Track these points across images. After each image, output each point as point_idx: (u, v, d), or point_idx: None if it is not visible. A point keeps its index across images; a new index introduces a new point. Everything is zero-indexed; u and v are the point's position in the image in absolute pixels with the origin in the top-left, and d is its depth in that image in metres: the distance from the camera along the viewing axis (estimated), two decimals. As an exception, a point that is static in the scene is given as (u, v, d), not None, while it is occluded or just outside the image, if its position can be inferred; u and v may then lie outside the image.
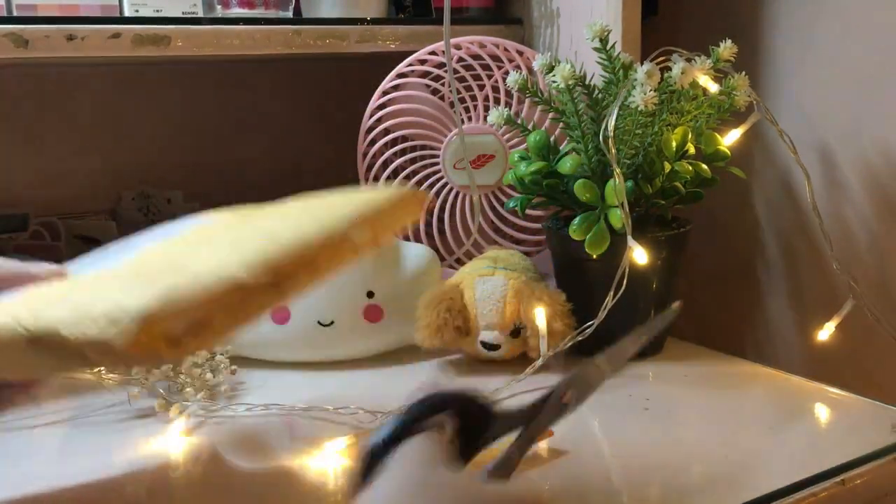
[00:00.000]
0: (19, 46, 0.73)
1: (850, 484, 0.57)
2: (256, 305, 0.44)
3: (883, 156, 0.85)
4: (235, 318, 0.43)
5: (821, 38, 0.88)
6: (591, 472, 0.58)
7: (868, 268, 0.86)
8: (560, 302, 0.74)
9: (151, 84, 1.09)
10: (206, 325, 0.41)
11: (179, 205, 1.09)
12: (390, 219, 0.54)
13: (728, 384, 0.73)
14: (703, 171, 0.76)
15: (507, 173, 0.82)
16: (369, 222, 0.52)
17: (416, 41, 0.92)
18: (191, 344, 0.41)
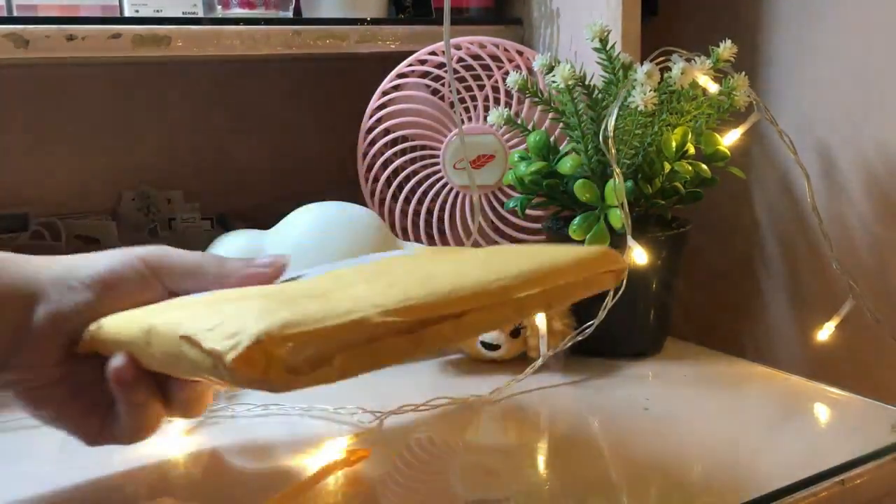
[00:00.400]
0: (19, 46, 0.73)
1: (850, 484, 0.57)
2: (386, 350, 0.41)
3: (883, 156, 0.85)
4: (359, 359, 0.40)
5: (821, 38, 0.88)
6: (591, 472, 0.58)
7: (868, 268, 0.86)
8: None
9: (151, 84, 1.09)
10: (325, 361, 0.39)
11: (179, 205, 1.09)
12: (572, 287, 0.50)
13: (728, 384, 0.73)
14: (703, 171, 0.76)
15: (507, 173, 0.82)
16: (544, 284, 0.48)
17: (416, 41, 0.92)
18: (306, 377, 0.38)
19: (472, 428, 0.65)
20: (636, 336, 0.77)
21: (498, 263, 0.48)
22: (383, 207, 0.94)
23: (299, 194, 0.87)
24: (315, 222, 0.79)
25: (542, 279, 0.48)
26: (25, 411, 0.51)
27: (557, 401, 0.69)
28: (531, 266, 0.48)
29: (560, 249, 0.54)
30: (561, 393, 0.71)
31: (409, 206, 0.93)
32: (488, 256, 0.52)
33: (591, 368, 0.74)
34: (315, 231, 0.78)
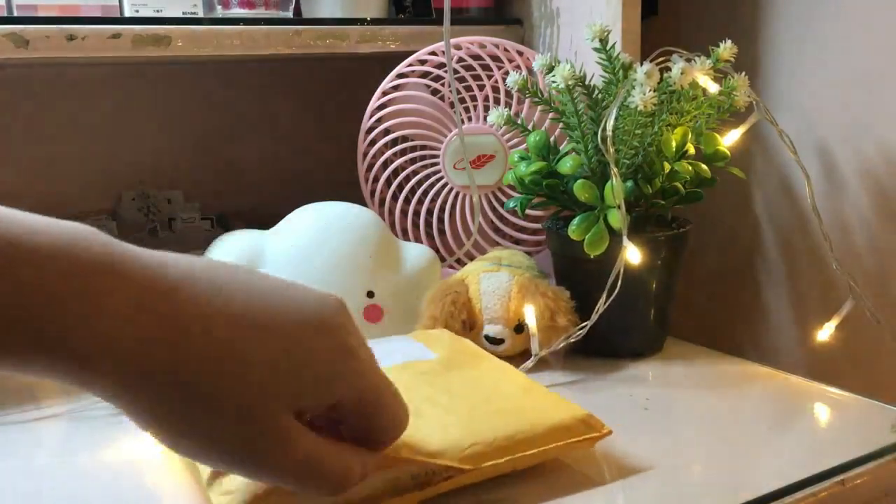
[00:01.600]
0: (19, 46, 0.73)
1: (850, 484, 0.57)
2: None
3: (883, 156, 0.85)
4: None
5: (821, 38, 0.88)
6: (591, 471, 0.58)
7: (868, 268, 0.86)
8: (564, 299, 0.74)
9: (151, 84, 1.09)
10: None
11: (179, 205, 1.09)
12: (544, 454, 0.55)
13: (728, 384, 0.73)
14: (703, 171, 0.76)
15: (507, 173, 0.82)
16: (514, 453, 0.53)
17: (416, 41, 0.92)
18: None
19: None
20: (636, 336, 0.77)
21: (479, 419, 0.54)
22: (383, 207, 0.94)
23: (299, 194, 0.87)
24: (315, 222, 0.79)
25: (514, 448, 0.53)
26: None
27: (557, 401, 0.69)
28: (507, 431, 0.53)
29: (544, 403, 0.58)
30: (561, 392, 0.71)
31: (409, 206, 0.93)
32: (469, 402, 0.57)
33: (591, 368, 0.74)
34: (315, 231, 0.78)
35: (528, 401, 0.57)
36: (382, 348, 0.53)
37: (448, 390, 0.57)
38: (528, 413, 0.55)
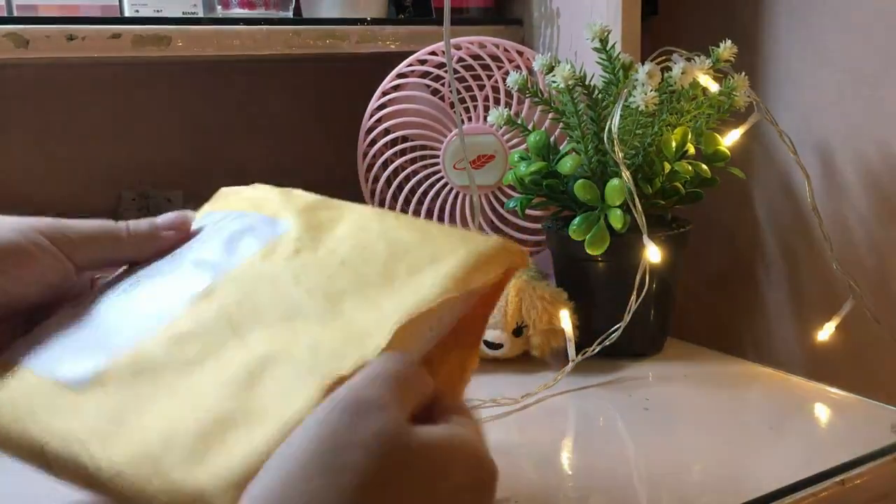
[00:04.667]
0: (19, 46, 0.73)
1: (850, 484, 0.57)
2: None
3: (883, 156, 0.85)
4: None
5: (820, 38, 0.88)
6: (591, 472, 0.58)
7: (868, 268, 0.86)
8: (562, 301, 0.74)
9: (151, 84, 1.09)
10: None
11: (179, 205, 1.09)
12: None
13: (728, 384, 0.73)
14: (703, 171, 0.76)
15: (507, 173, 0.82)
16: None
17: (416, 41, 0.92)
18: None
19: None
20: (636, 336, 0.77)
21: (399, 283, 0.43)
22: (383, 207, 0.94)
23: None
24: (315, 222, 0.79)
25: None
26: None
27: (556, 400, 0.69)
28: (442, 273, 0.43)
29: (451, 238, 0.46)
30: (561, 392, 0.71)
31: (409, 206, 0.93)
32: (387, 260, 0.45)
33: (591, 368, 0.74)
34: (315, 231, 0.78)
35: (434, 244, 0.46)
36: (217, 238, 0.50)
37: (342, 263, 0.46)
38: (446, 259, 0.45)
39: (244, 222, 0.51)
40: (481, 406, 0.67)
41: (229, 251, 0.48)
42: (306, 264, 0.46)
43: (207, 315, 0.44)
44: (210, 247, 0.50)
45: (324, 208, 0.52)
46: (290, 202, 0.53)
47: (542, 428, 0.66)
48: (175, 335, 0.43)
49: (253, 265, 0.47)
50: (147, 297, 0.47)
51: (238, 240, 0.49)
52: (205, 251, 0.49)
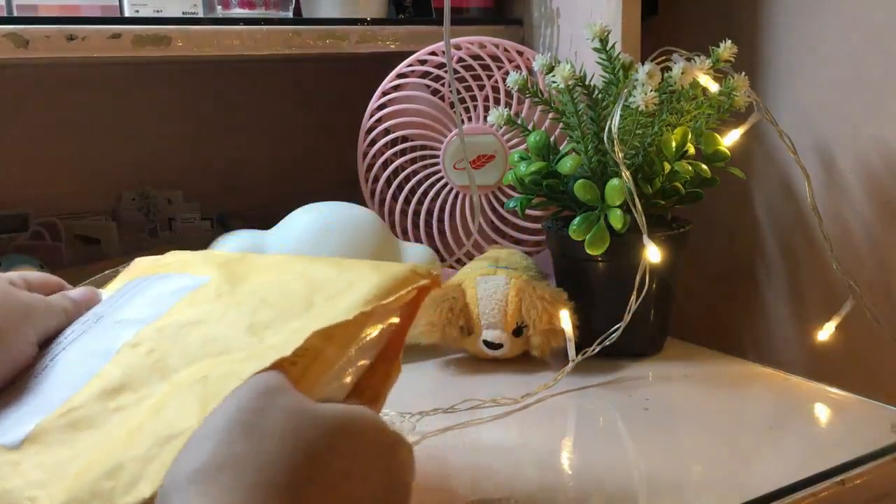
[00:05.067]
0: (19, 46, 0.73)
1: (850, 484, 0.57)
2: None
3: (883, 156, 0.85)
4: None
5: (820, 38, 0.88)
6: (591, 472, 0.58)
7: (868, 268, 0.86)
8: (562, 301, 0.74)
9: (151, 84, 1.09)
10: None
11: (179, 205, 1.09)
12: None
13: (728, 384, 0.73)
14: (703, 171, 0.76)
15: (507, 173, 0.82)
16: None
17: (416, 41, 0.92)
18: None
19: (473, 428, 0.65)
20: (636, 336, 0.76)
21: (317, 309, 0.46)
22: (383, 207, 0.94)
23: (299, 194, 0.87)
24: (315, 222, 0.79)
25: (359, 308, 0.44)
26: None
27: (557, 400, 0.70)
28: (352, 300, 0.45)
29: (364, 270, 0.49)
30: (561, 392, 0.71)
31: (409, 206, 0.93)
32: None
33: (591, 368, 0.74)
34: (315, 231, 0.78)
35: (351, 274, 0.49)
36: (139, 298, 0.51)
37: (263, 301, 0.48)
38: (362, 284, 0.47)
39: (164, 281, 0.53)
40: (481, 406, 0.67)
41: (152, 306, 0.50)
42: (228, 304, 0.48)
43: (136, 364, 0.45)
44: (133, 305, 0.51)
45: (240, 261, 0.54)
46: (208, 259, 0.55)
47: (542, 428, 0.66)
48: (105, 386, 0.44)
49: (177, 313, 0.48)
50: (76, 357, 0.48)
51: (160, 296, 0.51)
52: (128, 311, 0.51)
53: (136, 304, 0.51)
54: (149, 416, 0.41)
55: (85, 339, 0.49)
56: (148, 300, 0.51)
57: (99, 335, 0.49)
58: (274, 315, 0.46)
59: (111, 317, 0.50)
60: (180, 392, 0.42)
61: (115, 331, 0.49)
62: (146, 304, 0.50)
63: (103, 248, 1.00)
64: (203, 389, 0.41)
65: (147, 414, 0.42)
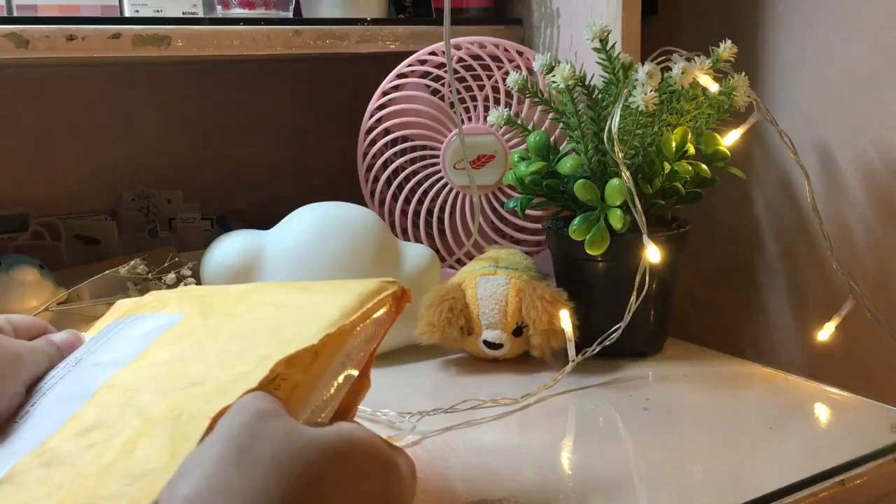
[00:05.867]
0: (19, 46, 0.73)
1: (850, 484, 0.57)
2: None
3: (883, 156, 0.85)
4: None
5: (820, 38, 0.88)
6: (591, 472, 0.58)
7: (868, 268, 0.86)
8: (562, 301, 0.74)
9: (151, 84, 1.09)
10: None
11: (179, 205, 1.09)
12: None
13: (728, 384, 0.73)
14: (703, 171, 0.76)
15: (507, 173, 0.82)
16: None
17: (416, 41, 0.92)
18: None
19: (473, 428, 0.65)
20: (636, 336, 0.77)
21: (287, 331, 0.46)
22: (383, 207, 0.94)
23: (299, 194, 0.87)
24: (315, 222, 0.79)
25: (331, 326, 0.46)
26: None
27: (557, 400, 0.70)
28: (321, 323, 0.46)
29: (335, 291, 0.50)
30: (561, 392, 0.71)
31: (409, 206, 0.93)
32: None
33: (591, 368, 0.74)
34: (315, 231, 0.78)
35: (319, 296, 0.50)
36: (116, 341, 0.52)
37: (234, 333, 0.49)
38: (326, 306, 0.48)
39: (140, 322, 0.54)
40: (481, 406, 0.67)
41: (127, 348, 0.51)
42: (201, 341, 0.49)
43: (110, 404, 0.46)
44: (110, 348, 0.52)
45: (214, 295, 0.55)
46: (184, 295, 0.56)
47: (542, 428, 0.66)
48: (80, 427, 0.45)
49: (151, 354, 0.49)
50: (51, 402, 0.49)
51: (136, 337, 0.52)
52: (104, 354, 0.51)
53: (112, 346, 0.52)
54: (120, 454, 0.42)
55: (64, 383, 0.50)
56: (124, 342, 0.52)
57: (77, 378, 0.50)
58: (243, 345, 0.47)
59: (90, 359, 0.51)
60: (152, 431, 0.42)
61: (92, 373, 0.49)
62: (122, 345, 0.51)
63: (103, 248, 1.00)
64: (174, 428, 0.41)
65: (119, 452, 0.42)
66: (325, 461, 0.37)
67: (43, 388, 0.50)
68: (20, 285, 0.78)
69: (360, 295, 0.49)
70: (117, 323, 0.55)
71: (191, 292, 0.56)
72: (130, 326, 0.54)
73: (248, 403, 0.39)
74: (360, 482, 0.38)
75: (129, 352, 0.50)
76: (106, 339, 0.53)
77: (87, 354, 0.52)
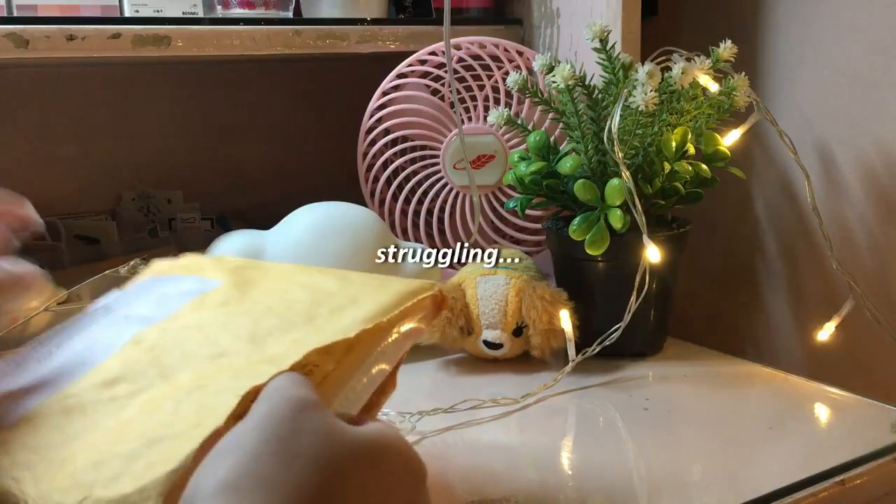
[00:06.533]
0: (20, 46, 0.73)
1: (850, 484, 0.57)
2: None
3: (883, 156, 0.85)
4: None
5: (820, 38, 0.88)
6: (591, 472, 0.58)
7: (868, 268, 0.86)
8: (562, 301, 0.74)
9: (151, 84, 1.09)
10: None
11: (179, 205, 1.09)
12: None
13: (728, 384, 0.73)
14: (703, 171, 0.76)
15: (507, 173, 0.82)
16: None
17: (416, 41, 0.92)
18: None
19: (473, 428, 0.65)
20: (636, 336, 0.77)
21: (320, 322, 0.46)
22: (383, 207, 0.94)
23: (299, 194, 0.87)
24: (315, 222, 0.79)
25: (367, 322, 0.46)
26: None
27: (556, 400, 0.70)
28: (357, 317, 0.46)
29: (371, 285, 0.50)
30: (561, 392, 0.71)
31: (409, 206, 0.93)
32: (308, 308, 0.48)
33: (591, 368, 0.74)
34: (315, 231, 0.78)
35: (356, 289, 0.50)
36: (149, 296, 0.52)
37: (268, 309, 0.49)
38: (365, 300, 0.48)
39: (177, 282, 0.54)
40: (481, 406, 0.67)
41: (161, 305, 0.51)
42: (233, 312, 0.49)
43: (136, 359, 0.46)
44: (143, 303, 0.52)
45: (251, 268, 0.55)
46: (221, 264, 0.56)
47: (542, 428, 0.66)
48: (104, 378, 0.45)
49: (182, 316, 0.49)
50: (79, 347, 0.49)
51: (169, 296, 0.52)
52: (137, 307, 0.52)
53: (145, 301, 0.52)
54: (141, 413, 0.42)
55: (92, 330, 0.50)
56: (157, 299, 0.52)
57: (106, 328, 0.50)
58: (276, 324, 0.47)
59: (121, 311, 0.51)
60: (177, 397, 0.42)
61: (121, 326, 0.49)
62: (155, 302, 0.51)
63: (103, 248, 1.00)
64: (200, 399, 0.41)
65: (139, 411, 0.42)
66: (362, 464, 0.37)
67: (70, 332, 0.50)
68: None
69: (400, 293, 0.49)
70: (152, 279, 0.55)
71: (227, 263, 0.56)
72: (165, 284, 0.54)
73: (285, 388, 0.38)
74: (395, 487, 0.38)
75: (161, 310, 0.50)
76: (139, 294, 0.53)
77: (119, 305, 0.52)
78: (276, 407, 0.37)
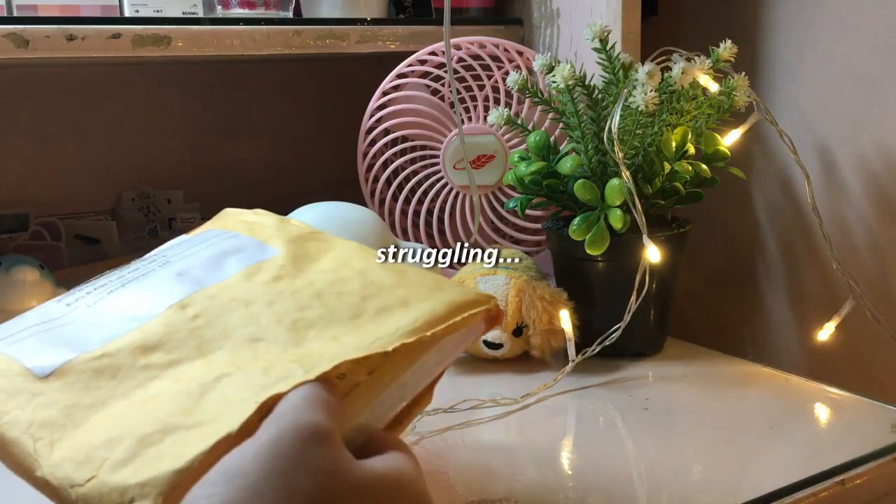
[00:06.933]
0: (20, 46, 0.73)
1: (850, 484, 0.57)
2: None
3: (883, 156, 0.85)
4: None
5: (820, 38, 0.88)
6: (591, 472, 0.58)
7: (868, 268, 0.86)
8: (562, 301, 0.74)
9: (151, 84, 1.09)
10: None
11: (179, 205, 1.09)
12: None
13: (728, 384, 0.73)
14: (703, 171, 0.76)
15: (507, 173, 0.82)
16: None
17: (416, 41, 0.92)
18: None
19: (473, 428, 0.65)
20: (636, 336, 0.77)
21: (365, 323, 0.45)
22: (383, 207, 0.94)
23: (299, 194, 0.87)
24: (315, 222, 0.78)
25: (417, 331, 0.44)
26: None
27: (556, 400, 0.70)
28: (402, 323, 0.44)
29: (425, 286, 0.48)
30: (561, 392, 0.71)
31: (409, 206, 0.93)
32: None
33: (591, 368, 0.74)
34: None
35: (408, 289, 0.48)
36: (207, 253, 0.51)
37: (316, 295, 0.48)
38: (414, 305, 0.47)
39: (235, 243, 0.53)
40: (481, 406, 0.67)
41: (214, 267, 0.50)
42: (282, 292, 0.48)
43: (178, 327, 0.45)
44: (197, 260, 0.51)
45: (313, 240, 0.53)
46: (284, 230, 0.54)
47: (542, 428, 0.66)
48: (142, 341, 0.45)
49: (232, 285, 0.48)
50: (127, 300, 0.48)
51: (225, 258, 0.51)
52: (191, 262, 0.51)
53: (200, 259, 0.51)
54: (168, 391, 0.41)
55: (145, 283, 0.50)
56: (212, 258, 0.51)
57: (158, 283, 0.49)
58: (320, 315, 0.46)
59: (176, 265, 0.51)
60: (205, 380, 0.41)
61: (173, 284, 0.49)
62: (209, 262, 0.50)
63: (103, 248, 1.00)
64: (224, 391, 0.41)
65: (167, 387, 0.42)
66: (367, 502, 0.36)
67: (124, 278, 0.50)
68: (20, 285, 0.78)
69: (452, 304, 0.46)
70: (213, 234, 0.54)
71: (291, 230, 0.54)
72: (224, 243, 0.53)
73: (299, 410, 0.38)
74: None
75: (214, 273, 0.49)
76: (197, 248, 0.52)
77: (177, 258, 0.52)
78: (284, 435, 0.37)
